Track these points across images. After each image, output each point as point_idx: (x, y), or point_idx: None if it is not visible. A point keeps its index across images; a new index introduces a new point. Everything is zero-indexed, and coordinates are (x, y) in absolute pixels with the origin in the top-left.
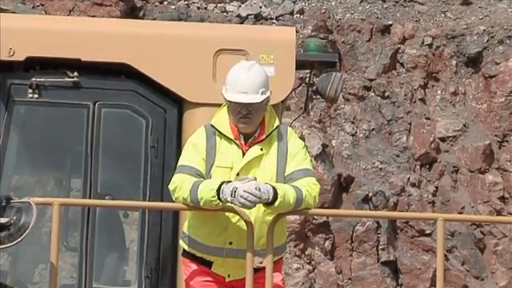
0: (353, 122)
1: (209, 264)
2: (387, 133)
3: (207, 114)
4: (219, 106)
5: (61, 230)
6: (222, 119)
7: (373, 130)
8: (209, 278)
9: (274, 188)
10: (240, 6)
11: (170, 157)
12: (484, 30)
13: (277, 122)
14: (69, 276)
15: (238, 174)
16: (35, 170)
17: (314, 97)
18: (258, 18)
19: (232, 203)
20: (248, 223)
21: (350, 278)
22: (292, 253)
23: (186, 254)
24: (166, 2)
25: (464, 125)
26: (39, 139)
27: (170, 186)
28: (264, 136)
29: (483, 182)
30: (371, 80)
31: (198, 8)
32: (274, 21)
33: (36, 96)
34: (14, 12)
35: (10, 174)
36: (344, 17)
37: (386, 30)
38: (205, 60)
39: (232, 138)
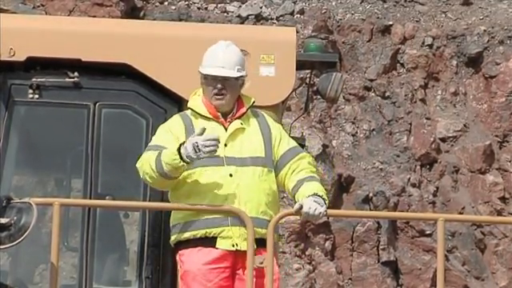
0: (353, 123)
1: (212, 241)
2: (388, 133)
3: None
4: None
5: (61, 230)
6: (197, 101)
7: (373, 130)
8: (212, 266)
9: (320, 196)
10: (240, 7)
11: None
12: (484, 31)
13: (252, 99)
14: (69, 276)
15: (225, 145)
16: (36, 171)
17: (315, 97)
18: (259, 19)
19: (198, 158)
20: (248, 222)
21: (350, 278)
22: (292, 253)
23: (182, 244)
24: (166, 3)
25: (464, 125)
26: (39, 139)
27: (137, 164)
28: (243, 110)
29: (483, 182)
30: (371, 80)
31: (199, 8)
32: (275, 21)
33: (36, 96)
34: (14, 12)
35: (10, 174)
36: (344, 17)
37: (386, 30)
38: None
39: (210, 117)
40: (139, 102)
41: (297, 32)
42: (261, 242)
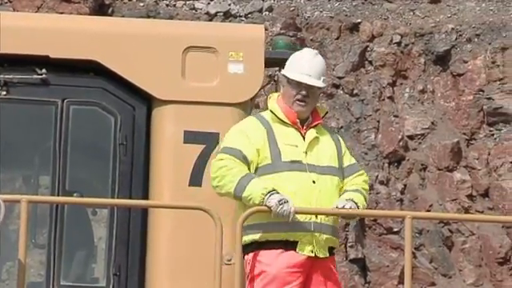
0: None
1: (293, 245)
2: (356, 130)
3: (176, 111)
4: (188, 103)
5: (29, 227)
6: (275, 106)
7: (341, 127)
8: (293, 270)
9: (354, 202)
10: (209, 4)
11: (139, 154)
12: (452, 29)
13: (325, 110)
14: (37, 273)
15: (305, 153)
16: (3, 167)
17: None
18: (227, 16)
19: (268, 206)
20: (217, 221)
21: None
22: None
23: (259, 245)
24: (134, 0)
25: (432, 123)
26: (7, 136)
27: (217, 171)
28: (319, 120)
29: (451, 179)
30: (340, 78)
31: (167, 5)
32: (243, 18)
33: (4, 93)
34: None
35: None
36: (313, 14)
37: (354, 27)
38: (174, 57)
39: (289, 122)
40: (107, 99)
41: (265, 29)
42: (332, 250)
